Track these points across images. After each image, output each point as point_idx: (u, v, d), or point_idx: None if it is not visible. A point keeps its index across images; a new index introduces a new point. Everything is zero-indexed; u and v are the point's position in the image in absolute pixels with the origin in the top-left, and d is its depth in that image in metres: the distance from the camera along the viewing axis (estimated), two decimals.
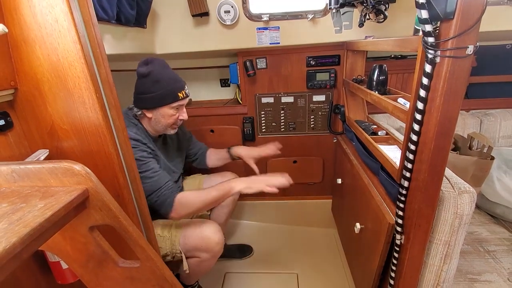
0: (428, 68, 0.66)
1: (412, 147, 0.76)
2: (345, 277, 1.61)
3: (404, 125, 1.57)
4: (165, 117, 1.18)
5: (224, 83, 2.00)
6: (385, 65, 1.15)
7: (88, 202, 0.55)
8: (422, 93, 0.69)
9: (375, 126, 1.28)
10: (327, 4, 1.39)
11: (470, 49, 0.60)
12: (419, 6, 0.61)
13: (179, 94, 1.16)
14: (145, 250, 0.60)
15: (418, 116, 0.72)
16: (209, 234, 1.18)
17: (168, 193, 1.12)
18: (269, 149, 1.48)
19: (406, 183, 0.81)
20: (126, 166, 0.79)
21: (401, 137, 1.17)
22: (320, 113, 1.78)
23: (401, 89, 1.40)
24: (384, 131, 1.21)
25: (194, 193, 1.20)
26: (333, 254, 1.81)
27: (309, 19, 1.43)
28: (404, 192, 0.82)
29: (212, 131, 1.84)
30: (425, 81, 0.68)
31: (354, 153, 1.41)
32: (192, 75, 1.99)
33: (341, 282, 1.58)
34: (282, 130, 1.84)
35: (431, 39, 0.63)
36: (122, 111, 1.18)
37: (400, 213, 0.85)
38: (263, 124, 1.83)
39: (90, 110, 0.67)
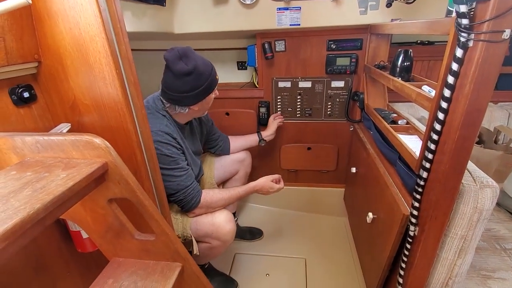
0: (459, 52, 0.62)
1: (435, 136, 0.73)
2: (353, 265, 1.62)
3: (426, 115, 1.51)
4: (209, 103, 1.18)
5: (241, 65, 1.98)
6: (410, 51, 1.09)
7: (107, 175, 0.57)
8: (450, 79, 0.66)
9: (395, 115, 1.23)
10: None
11: (507, 33, 0.56)
12: None
13: (216, 77, 1.16)
14: (160, 224, 0.62)
15: (444, 104, 0.68)
16: (220, 223, 1.19)
17: (194, 193, 1.14)
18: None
19: (425, 174, 0.79)
20: (144, 144, 0.81)
21: (422, 127, 1.13)
22: (338, 99, 1.73)
23: (426, 77, 1.33)
24: (405, 120, 1.16)
25: (218, 194, 1.22)
26: (343, 242, 1.81)
27: None
28: (422, 183, 0.80)
29: (227, 114, 1.84)
30: (454, 66, 0.64)
31: (371, 142, 1.37)
32: (209, 56, 1.94)
33: (349, 270, 1.59)
34: (298, 116, 1.81)
35: (465, 21, 0.59)
36: (149, 99, 1.20)
37: (416, 204, 0.83)
38: (278, 109, 1.81)
39: (110, 86, 0.68)
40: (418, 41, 1.63)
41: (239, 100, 1.81)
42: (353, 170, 1.54)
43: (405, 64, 1.09)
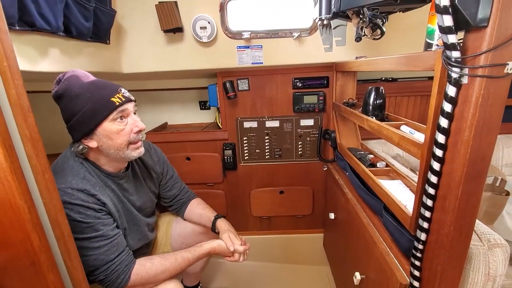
0: (451, 91, 0.51)
1: (431, 190, 0.59)
2: None
3: (401, 152, 1.42)
4: (113, 137, 0.87)
5: (204, 105, 1.84)
6: (382, 88, 1.01)
7: None
8: (444, 122, 0.53)
9: (372, 156, 1.12)
10: (314, 21, 1.27)
11: (511, 66, 0.45)
12: (441, 10, 0.46)
13: (112, 99, 0.85)
14: None
15: (439, 152, 0.55)
16: None
17: (121, 269, 0.86)
18: (242, 256, 1.17)
19: (423, 236, 0.63)
20: (50, 220, 0.58)
21: (403, 169, 1.01)
22: (308, 138, 1.62)
23: (395, 113, 1.27)
24: (384, 163, 1.04)
25: (159, 265, 0.93)
26: None
27: (294, 37, 1.30)
28: (421, 247, 0.64)
29: (188, 158, 1.63)
30: (447, 107, 0.52)
31: (348, 185, 1.23)
32: (168, 97, 1.82)
33: None
34: (267, 157, 1.66)
35: (455, 54, 0.48)
36: (66, 150, 0.92)
37: (416, 273, 0.66)
38: (245, 151, 1.65)
39: None
40: (383, 78, 1.61)
41: (200, 143, 1.63)
42: (332, 216, 1.38)
43: (377, 102, 0.99)
